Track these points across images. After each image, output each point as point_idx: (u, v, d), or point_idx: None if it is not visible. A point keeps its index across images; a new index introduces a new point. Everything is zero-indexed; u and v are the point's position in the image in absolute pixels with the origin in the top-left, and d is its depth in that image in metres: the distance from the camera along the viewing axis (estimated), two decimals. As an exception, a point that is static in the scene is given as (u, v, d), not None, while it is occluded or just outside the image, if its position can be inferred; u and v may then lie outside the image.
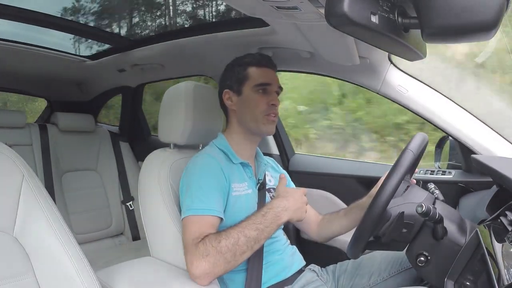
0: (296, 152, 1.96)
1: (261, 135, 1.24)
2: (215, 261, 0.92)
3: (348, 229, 1.24)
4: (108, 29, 1.82)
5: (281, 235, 1.26)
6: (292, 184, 1.40)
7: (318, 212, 1.36)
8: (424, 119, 1.38)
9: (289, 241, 1.28)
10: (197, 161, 1.13)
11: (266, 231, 0.97)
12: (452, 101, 1.37)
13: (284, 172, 1.41)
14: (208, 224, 1.00)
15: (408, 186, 1.03)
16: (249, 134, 1.22)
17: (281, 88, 1.22)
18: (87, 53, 2.11)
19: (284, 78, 2.58)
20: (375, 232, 0.97)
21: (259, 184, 1.21)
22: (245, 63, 1.20)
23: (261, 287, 1.09)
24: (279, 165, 1.42)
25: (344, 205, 1.61)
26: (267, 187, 1.25)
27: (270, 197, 1.24)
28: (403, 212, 0.92)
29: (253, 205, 1.17)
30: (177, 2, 1.72)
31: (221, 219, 1.05)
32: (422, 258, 0.93)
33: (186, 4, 1.68)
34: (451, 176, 1.43)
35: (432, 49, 1.04)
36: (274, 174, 1.35)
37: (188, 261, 0.95)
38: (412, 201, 0.95)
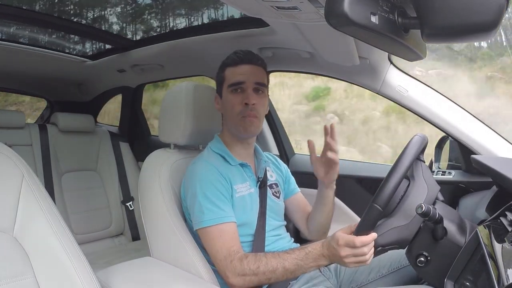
0: (296, 152, 1.96)
1: (241, 135, 1.18)
2: (250, 280, 1.01)
3: (326, 214, 1.26)
4: (108, 29, 1.82)
5: (285, 233, 1.26)
6: (293, 179, 1.40)
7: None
8: (424, 119, 1.38)
9: (293, 239, 1.28)
10: (195, 169, 1.13)
11: (305, 268, 0.99)
12: (452, 101, 1.37)
13: (285, 167, 1.41)
14: (229, 234, 1.05)
15: (408, 185, 1.03)
16: (237, 136, 1.20)
17: (261, 84, 1.15)
18: (87, 53, 2.11)
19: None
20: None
21: (259, 182, 1.21)
22: (223, 65, 1.19)
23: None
24: (280, 161, 1.42)
25: (344, 206, 1.61)
26: (268, 183, 1.25)
27: (272, 193, 1.25)
28: (380, 249, 0.95)
29: (256, 203, 1.17)
30: (177, 2, 1.72)
31: (235, 222, 1.08)
32: (422, 258, 0.93)
33: (186, 4, 1.68)
34: (451, 176, 1.43)
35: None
36: (275, 169, 1.35)
37: (222, 273, 1.04)
38: (399, 223, 0.95)
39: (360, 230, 0.91)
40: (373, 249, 0.93)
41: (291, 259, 0.99)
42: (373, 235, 0.91)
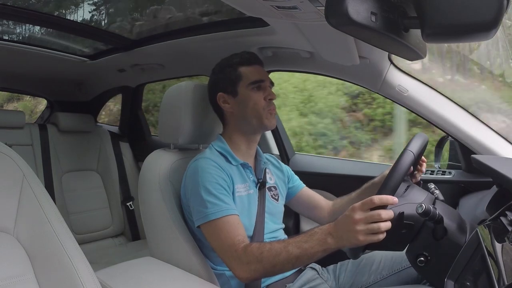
0: (296, 152, 1.96)
1: (264, 129, 1.24)
2: (255, 269, 0.97)
3: None
4: (108, 29, 1.82)
5: (282, 234, 1.26)
6: (296, 177, 1.40)
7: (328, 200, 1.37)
8: (424, 119, 1.38)
9: None
10: (197, 165, 1.12)
11: (310, 252, 0.92)
12: (452, 101, 1.37)
13: (287, 167, 1.41)
14: (233, 225, 1.04)
15: (408, 186, 1.03)
16: (249, 134, 1.22)
17: (272, 83, 1.23)
18: (87, 53, 2.11)
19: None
20: None
21: (259, 184, 1.21)
22: (235, 64, 1.20)
23: (261, 285, 1.10)
24: (280, 162, 1.41)
25: (344, 205, 1.61)
26: (267, 186, 1.25)
27: (271, 195, 1.25)
28: (403, 212, 0.92)
29: (254, 205, 1.17)
30: (177, 2, 1.72)
31: (238, 215, 1.07)
32: (422, 258, 0.93)
33: (186, 4, 1.68)
34: (451, 176, 1.43)
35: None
36: (275, 171, 1.35)
37: (229, 265, 1.02)
38: (412, 201, 0.95)
39: (390, 178, 0.89)
40: (389, 223, 0.85)
41: (295, 242, 0.94)
42: (393, 198, 0.85)
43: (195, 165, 1.13)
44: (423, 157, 1.15)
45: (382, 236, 0.85)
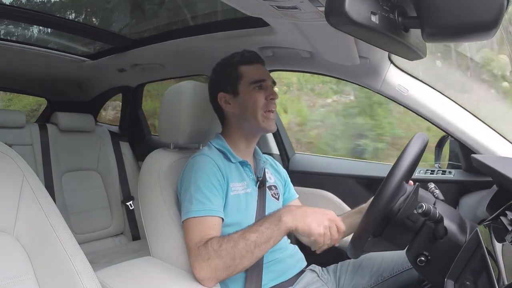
0: (296, 152, 1.96)
1: (263, 131, 1.23)
2: (215, 265, 0.93)
3: (347, 234, 1.19)
4: (108, 29, 1.82)
5: None
6: (292, 185, 1.40)
7: None
8: (425, 118, 1.38)
9: (289, 240, 1.28)
10: (193, 162, 1.12)
11: (266, 234, 0.92)
12: (452, 100, 1.37)
13: (285, 171, 1.41)
14: (209, 225, 1.01)
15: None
16: (249, 135, 1.21)
17: (274, 82, 1.22)
18: (87, 53, 2.11)
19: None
20: (389, 207, 0.93)
21: (258, 182, 1.21)
22: (235, 63, 1.19)
23: (261, 287, 1.09)
24: (278, 163, 1.41)
25: (344, 205, 1.61)
26: (267, 185, 1.25)
27: (272, 194, 1.24)
28: (419, 184, 0.92)
29: (253, 203, 1.16)
30: (177, 2, 1.72)
31: (222, 218, 1.05)
32: (422, 258, 0.93)
33: (186, 3, 1.68)
34: (451, 176, 1.43)
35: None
36: (274, 172, 1.35)
37: (192, 264, 0.97)
38: (421, 187, 0.95)
39: (402, 157, 0.90)
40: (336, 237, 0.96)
41: (250, 227, 0.95)
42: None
43: (192, 162, 1.13)
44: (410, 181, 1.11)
45: (327, 241, 0.95)
